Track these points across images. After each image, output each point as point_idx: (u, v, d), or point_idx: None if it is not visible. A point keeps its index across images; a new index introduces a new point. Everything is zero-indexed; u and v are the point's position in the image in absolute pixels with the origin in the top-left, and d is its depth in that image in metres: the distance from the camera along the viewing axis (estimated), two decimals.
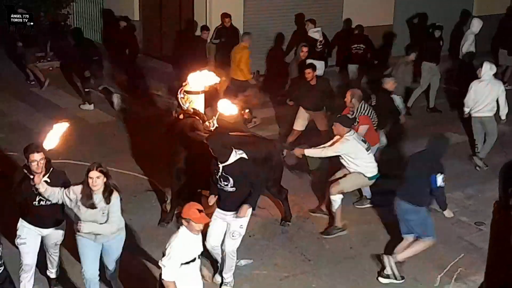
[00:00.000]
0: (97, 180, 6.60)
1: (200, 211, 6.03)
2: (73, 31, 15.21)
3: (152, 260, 7.99)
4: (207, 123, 9.07)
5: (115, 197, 6.71)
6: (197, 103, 9.36)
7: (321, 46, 14.10)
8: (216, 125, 9.17)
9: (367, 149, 8.85)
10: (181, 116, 9.13)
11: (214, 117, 9.19)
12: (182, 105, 9.25)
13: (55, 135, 7.02)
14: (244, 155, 7.39)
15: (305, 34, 14.38)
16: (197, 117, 9.11)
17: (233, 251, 7.50)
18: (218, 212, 7.53)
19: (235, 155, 7.28)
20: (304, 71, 11.25)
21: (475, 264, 8.19)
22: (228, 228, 7.46)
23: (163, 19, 16.89)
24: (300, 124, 11.43)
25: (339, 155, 8.89)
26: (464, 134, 12.73)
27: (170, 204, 9.27)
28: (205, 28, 14.22)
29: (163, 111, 12.86)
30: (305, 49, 12.93)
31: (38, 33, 17.39)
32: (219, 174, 7.28)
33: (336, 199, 8.77)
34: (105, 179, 6.65)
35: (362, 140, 8.92)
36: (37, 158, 6.76)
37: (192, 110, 9.16)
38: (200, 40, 14.15)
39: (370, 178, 8.87)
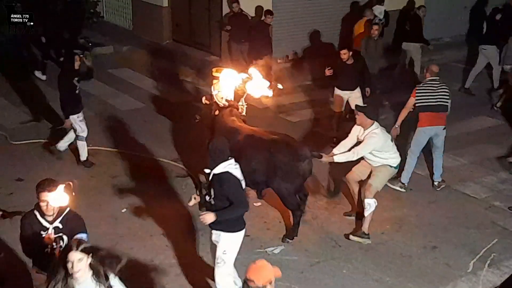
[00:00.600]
0: (78, 265, 4.81)
1: None
2: None
3: (184, 245, 8.05)
4: (239, 106, 9.00)
5: (112, 278, 5.01)
6: (228, 95, 9.20)
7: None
8: (245, 106, 9.05)
9: (391, 140, 8.60)
10: (217, 112, 8.93)
11: (242, 99, 9.10)
12: (218, 102, 9.00)
13: (62, 197, 5.81)
14: (233, 170, 6.54)
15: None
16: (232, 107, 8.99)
17: (218, 282, 6.69)
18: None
19: (224, 167, 6.50)
20: (340, 51, 11.19)
21: (509, 249, 8.09)
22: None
23: (192, 5, 16.85)
24: (339, 106, 11.41)
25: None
26: (497, 118, 12.57)
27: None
28: (268, 12, 14.18)
29: (193, 98, 12.86)
30: (375, 27, 12.83)
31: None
32: (208, 183, 6.72)
33: (371, 203, 8.21)
34: (90, 260, 4.88)
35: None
36: (48, 199, 5.72)
37: (226, 104, 8.93)
38: (264, 24, 14.17)
39: (395, 167, 8.62)
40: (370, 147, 8.21)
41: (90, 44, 17.16)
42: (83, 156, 10.32)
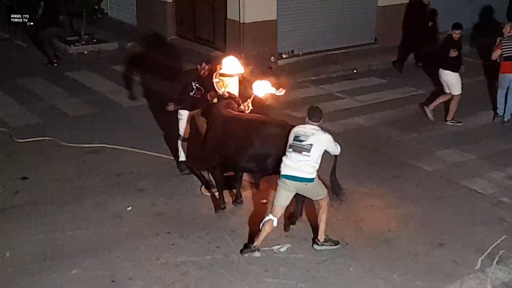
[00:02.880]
0: None
1: None
2: None
3: (189, 243, 8.02)
4: (242, 106, 9.05)
5: None
6: (231, 86, 9.30)
7: None
8: (251, 107, 9.14)
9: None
10: (215, 100, 9.07)
11: (248, 99, 9.16)
12: (217, 90, 9.17)
13: None
14: None
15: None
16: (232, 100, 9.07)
17: None
18: None
19: None
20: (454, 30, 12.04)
21: None
22: None
23: (195, 0, 16.80)
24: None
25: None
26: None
27: (207, 189, 9.30)
28: None
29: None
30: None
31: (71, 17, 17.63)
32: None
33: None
34: None
35: None
36: None
37: (227, 94, 9.09)
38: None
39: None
40: None
41: (94, 41, 17.20)
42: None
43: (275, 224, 7.74)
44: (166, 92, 11.47)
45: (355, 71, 15.35)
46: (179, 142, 9.91)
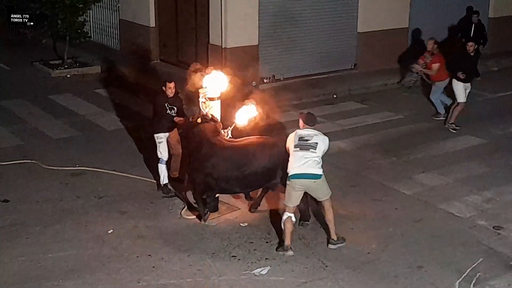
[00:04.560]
0: None
1: None
2: None
3: (170, 266, 8.06)
4: (222, 131, 9.18)
5: None
6: (214, 109, 9.39)
7: None
8: (230, 136, 9.28)
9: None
10: (199, 120, 9.18)
11: (229, 127, 9.30)
12: (202, 110, 9.30)
13: None
14: None
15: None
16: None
17: None
18: None
19: None
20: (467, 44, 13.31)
21: (494, 268, 8.13)
22: None
23: (179, 25, 16.95)
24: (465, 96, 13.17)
25: None
26: (481, 137, 12.71)
27: (187, 211, 9.39)
28: None
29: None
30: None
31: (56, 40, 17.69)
32: None
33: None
34: None
35: None
36: None
37: (210, 116, 9.20)
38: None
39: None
40: None
41: (77, 64, 17.27)
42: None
43: (293, 219, 8.39)
44: (147, 115, 11.57)
45: (335, 95, 15.54)
46: (161, 166, 9.99)
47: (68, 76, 16.89)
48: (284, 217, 8.36)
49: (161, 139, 9.94)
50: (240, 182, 9.01)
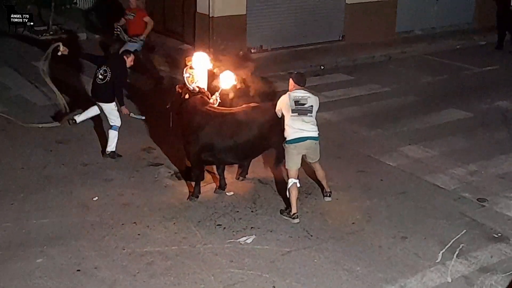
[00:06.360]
0: None
1: None
2: None
3: (155, 234, 8.06)
4: (211, 100, 9.12)
5: None
6: (201, 80, 9.32)
7: None
8: (219, 100, 9.21)
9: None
10: (187, 96, 9.08)
11: (216, 93, 9.23)
12: (188, 85, 9.19)
13: None
14: None
15: None
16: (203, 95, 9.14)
17: None
18: None
19: None
20: None
21: (477, 240, 8.20)
22: None
23: None
24: None
25: None
26: (466, 111, 12.75)
27: (177, 178, 9.39)
28: None
29: (167, 86, 12.82)
30: None
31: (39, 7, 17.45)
32: None
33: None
34: None
35: None
36: None
37: (197, 89, 9.10)
38: None
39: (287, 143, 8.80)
40: None
41: (62, 31, 17.06)
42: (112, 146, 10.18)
43: (298, 185, 8.53)
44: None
45: (322, 67, 15.50)
46: (114, 132, 10.13)
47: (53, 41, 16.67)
48: (290, 183, 8.49)
49: (116, 106, 10.15)
50: (235, 152, 8.87)
